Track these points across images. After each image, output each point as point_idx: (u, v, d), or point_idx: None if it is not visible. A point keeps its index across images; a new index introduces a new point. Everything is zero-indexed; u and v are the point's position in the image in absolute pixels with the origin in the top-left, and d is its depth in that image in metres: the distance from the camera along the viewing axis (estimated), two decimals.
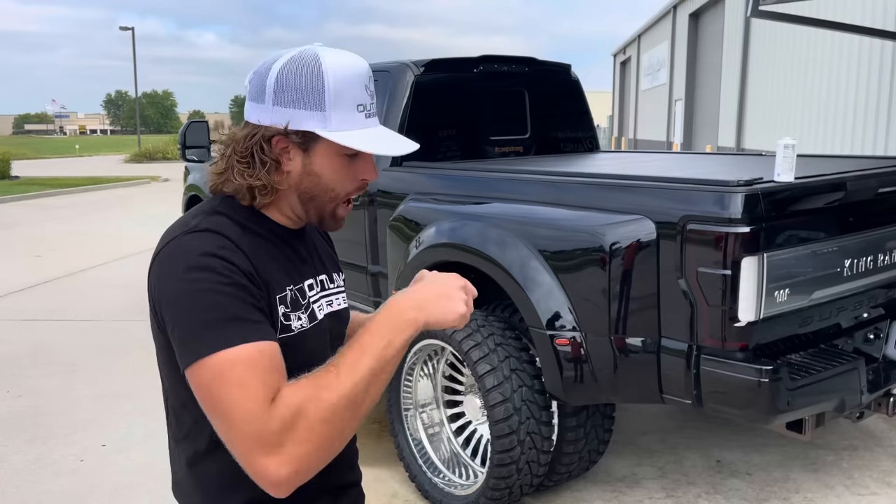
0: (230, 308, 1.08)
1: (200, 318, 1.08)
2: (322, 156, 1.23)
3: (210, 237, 1.14)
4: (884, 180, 2.95)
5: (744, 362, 2.47)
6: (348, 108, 1.20)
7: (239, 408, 1.04)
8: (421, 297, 1.19)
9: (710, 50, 20.24)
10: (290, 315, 1.21)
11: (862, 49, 9.56)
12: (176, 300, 1.10)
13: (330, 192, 1.25)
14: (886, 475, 3.57)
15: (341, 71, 1.20)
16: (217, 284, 1.09)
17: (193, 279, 1.09)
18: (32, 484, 3.62)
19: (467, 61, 4.50)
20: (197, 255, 1.11)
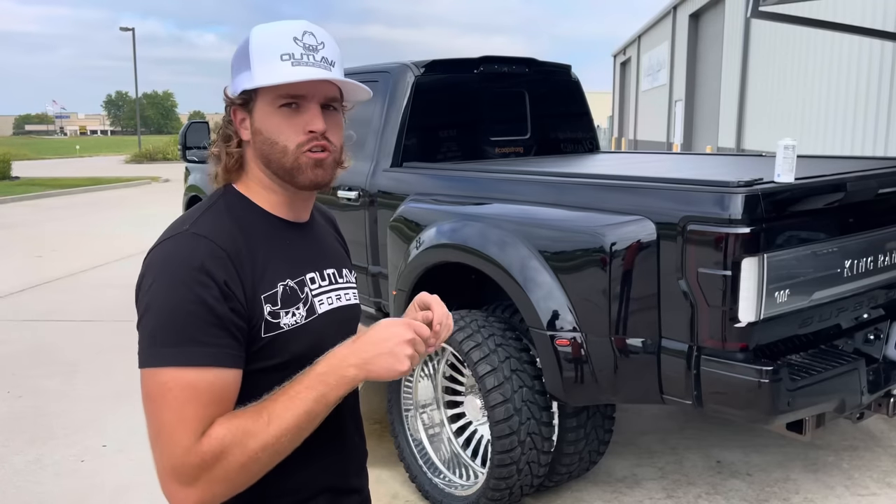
0: (190, 328, 1.10)
1: (160, 327, 1.11)
2: (260, 112, 1.25)
3: (196, 243, 1.16)
4: (884, 181, 2.95)
5: (744, 363, 2.48)
6: (272, 59, 1.22)
7: (168, 431, 1.09)
8: (364, 355, 1.15)
9: (711, 50, 20.25)
10: (279, 312, 1.22)
11: (862, 50, 9.56)
12: (146, 303, 1.13)
13: (276, 146, 1.24)
14: (887, 475, 3.57)
15: (266, 31, 1.25)
16: (184, 301, 1.11)
17: (165, 287, 1.12)
18: (33, 484, 3.62)
19: (467, 62, 4.50)
20: (175, 265, 1.14)
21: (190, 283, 1.12)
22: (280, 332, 1.21)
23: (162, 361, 1.10)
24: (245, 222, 1.25)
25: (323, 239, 1.42)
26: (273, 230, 1.29)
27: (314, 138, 1.25)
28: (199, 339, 1.11)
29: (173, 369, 1.09)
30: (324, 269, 1.35)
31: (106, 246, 10.66)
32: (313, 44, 1.24)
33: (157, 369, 1.10)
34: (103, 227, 12.91)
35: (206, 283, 1.12)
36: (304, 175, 1.26)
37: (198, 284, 1.12)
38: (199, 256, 1.14)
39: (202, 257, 1.14)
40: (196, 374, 1.10)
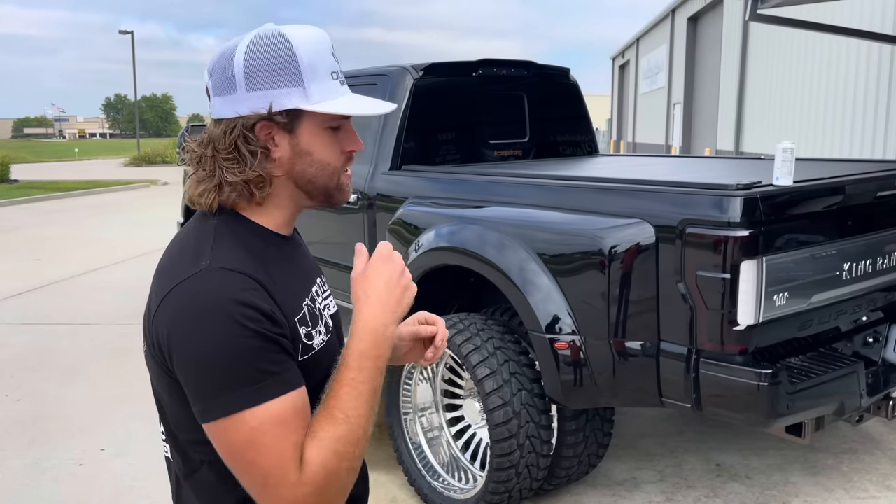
0: (257, 362, 1.04)
1: (225, 373, 1.03)
2: (309, 132, 1.18)
3: (228, 278, 1.08)
4: (882, 184, 2.95)
5: (743, 366, 2.47)
6: (324, 77, 1.17)
7: (276, 475, 1.03)
8: (388, 307, 1.16)
9: (709, 53, 20.28)
10: (312, 333, 1.18)
11: (860, 53, 9.58)
12: (195, 353, 1.04)
13: (327, 168, 1.21)
14: (886, 479, 3.57)
15: (309, 41, 1.16)
16: (241, 338, 1.04)
17: (215, 331, 1.04)
18: (31, 489, 3.61)
19: (466, 65, 4.51)
20: (216, 304, 1.05)
21: (240, 320, 1.04)
22: (314, 353, 1.18)
23: (243, 405, 1.03)
24: (254, 247, 1.17)
25: (304, 247, 1.36)
26: (277, 250, 1.22)
27: (351, 157, 1.25)
28: (271, 371, 1.05)
29: (257, 409, 1.03)
30: (317, 278, 1.32)
31: (105, 249, 10.65)
32: (337, 56, 1.22)
33: (240, 415, 1.03)
34: (102, 231, 12.90)
35: (254, 317, 1.05)
36: (342, 194, 1.25)
37: (248, 319, 1.05)
38: (238, 289, 1.07)
39: (241, 291, 1.07)
40: (280, 406, 1.05)
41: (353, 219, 4.30)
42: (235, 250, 1.14)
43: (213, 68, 1.18)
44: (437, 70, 4.33)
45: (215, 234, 1.16)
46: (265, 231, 1.22)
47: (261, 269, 1.14)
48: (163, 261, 1.19)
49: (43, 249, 10.79)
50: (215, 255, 1.12)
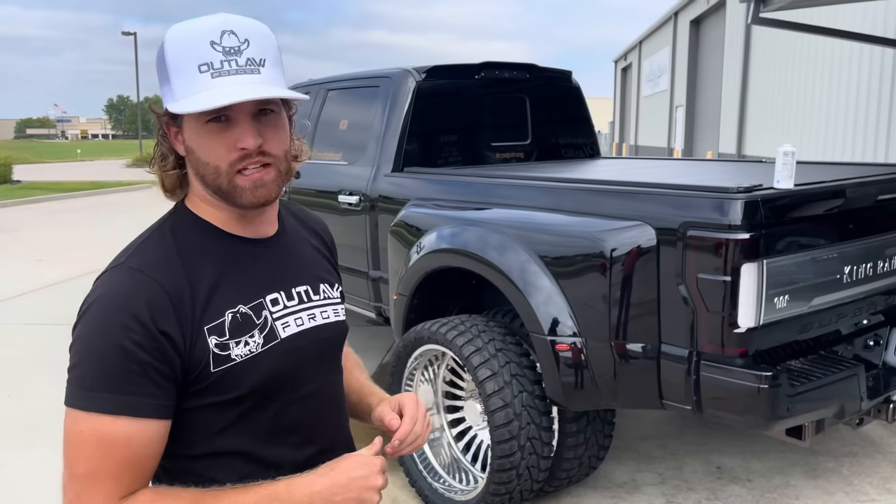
0: (107, 373, 1.05)
1: (81, 366, 1.07)
2: (188, 130, 1.13)
3: (129, 279, 1.09)
4: (883, 187, 2.96)
5: (743, 368, 2.48)
6: (190, 72, 1.08)
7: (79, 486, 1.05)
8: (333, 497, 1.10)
9: (711, 56, 20.28)
10: (228, 344, 1.12)
11: (862, 56, 9.58)
12: (74, 338, 1.10)
13: (208, 167, 1.13)
14: (886, 482, 3.57)
15: (179, 35, 1.10)
16: (106, 345, 1.05)
17: (91, 327, 1.08)
18: (34, 488, 3.62)
19: (468, 68, 4.52)
20: (104, 304, 1.08)
21: (113, 327, 1.05)
22: (232, 365, 1.12)
23: (78, 403, 1.05)
24: (193, 246, 1.15)
25: (295, 252, 1.29)
26: (227, 251, 1.17)
27: (247, 155, 1.12)
28: (118, 388, 1.04)
29: (89, 415, 1.04)
30: (292, 287, 1.24)
31: (107, 250, 10.57)
32: (234, 45, 1.09)
33: (75, 412, 1.06)
34: (105, 231, 12.92)
35: (129, 327, 1.05)
36: (243, 197, 1.14)
37: (121, 328, 1.05)
38: (127, 295, 1.07)
39: (131, 297, 1.07)
40: (112, 425, 1.04)
41: (356, 220, 4.31)
42: (162, 248, 1.15)
43: None
44: (439, 72, 4.34)
45: (154, 229, 1.20)
46: (211, 228, 1.19)
47: (182, 269, 1.12)
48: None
49: (46, 250, 10.81)
50: (137, 252, 1.15)
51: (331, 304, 1.31)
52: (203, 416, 1.13)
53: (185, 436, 1.13)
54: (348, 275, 4.54)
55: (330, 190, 4.43)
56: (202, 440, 1.15)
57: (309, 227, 1.40)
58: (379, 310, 4.37)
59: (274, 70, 1.13)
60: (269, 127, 1.14)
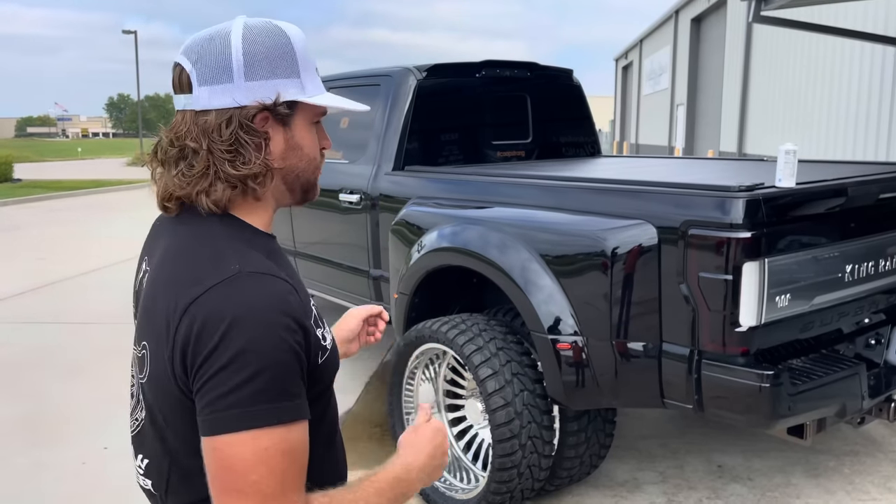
0: (286, 380, 0.98)
1: (263, 379, 0.96)
2: (301, 126, 1.14)
3: (265, 282, 1.01)
4: (885, 186, 2.96)
5: (745, 367, 2.48)
6: (313, 71, 1.15)
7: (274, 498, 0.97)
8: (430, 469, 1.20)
9: (712, 55, 20.27)
10: (324, 334, 1.12)
11: (864, 55, 9.57)
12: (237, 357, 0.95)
13: (312, 163, 1.18)
14: (888, 480, 3.57)
15: (299, 35, 1.14)
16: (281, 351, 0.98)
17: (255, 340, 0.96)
18: (35, 487, 3.63)
19: (469, 66, 4.52)
20: (254, 314, 0.98)
21: (278, 331, 0.98)
22: (329, 353, 1.12)
23: (264, 421, 0.95)
24: (264, 248, 1.12)
25: None
26: (273, 251, 1.16)
27: (324, 154, 1.23)
28: (291, 392, 0.99)
29: (274, 429, 0.96)
30: None
31: (108, 248, 10.67)
32: None
33: (257, 431, 0.95)
34: (106, 230, 12.92)
35: (291, 328, 1.00)
36: (316, 191, 1.23)
37: (286, 331, 0.99)
38: (279, 298, 1.01)
39: (282, 298, 1.01)
40: (294, 433, 0.99)
41: (356, 219, 4.31)
42: (257, 253, 1.07)
43: (201, 55, 1.08)
44: (440, 71, 4.34)
45: (229, 236, 1.09)
46: (256, 231, 1.14)
47: (284, 271, 1.08)
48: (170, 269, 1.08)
49: (46, 248, 10.82)
50: (246, 259, 1.04)
51: None
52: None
53: None
54: (349, 273, 4.53)
55: (331, 188, 4.43)
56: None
57: None
58: None
59: None
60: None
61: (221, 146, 1.07)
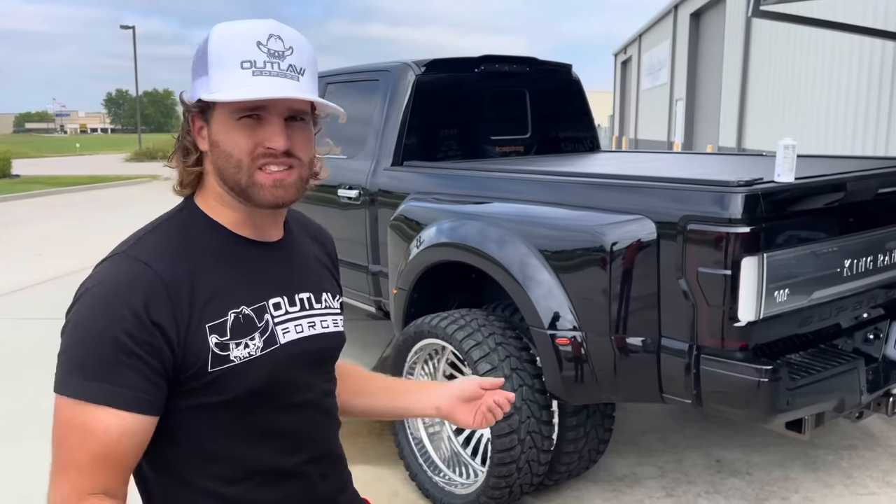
0: (96, 362, 1.04)
1: (70, 354, 1.06)
2: (217, 123, 1.14)
3: (129, 268, 1.09)
4: (884, 181, 2.96)
5: (744, 362, 2.48)
6: (231, 67, 1.10)
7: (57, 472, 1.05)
8: None
9: (711, 50, 20.24)
10: (228, 344, 1.12)
11: (863, 50, 9.56)
12: (66, 323, 1.09)
13: (231, 160, 1.13)
14: (886, 475, 3.58)
15: (226, 33, 1.12)
16: (98, 334, 1.04)
17: (85, 314, 1.07)
18: (34, 483, 3.62)
19: (468, 61, 4.51)
20: (101, 291, 1.07)
21: (106, 315, 1.05)
22: (231, 366, 1.11)
23: (63, 390, 1.05)
24: (199, 242, 1.16)
25: (300, 259, 1.30)
26: (233, 250, 1.18)
27: (271, 154, 1.14)
28: (102, 376, 1.03)
29: (72, 402, 1.03)
30: (295, 293, 1.24)
31: (107, 244, 10.51)
32: (279, 49, 1.12)
33: (60, 398, 1.05)
34: (104, 226, 12.91)
35: (123, 316, 1.04)
36: (261, 195, 1.15)
37: (113, 317, 1.04)
38: (124, 284, 1.07)
39: (129, 286, 1.07)
40: (92, 414, 1.03)
41: (355, 214, 4.31)
42: (167, 240, 1.15)
43: None
44: (438, 66, 4.33)
45: (161, 221, 1.19)
46: (220, 228, 1.19)
47: (185, 264, 1.12)
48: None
49: (45, 244, 10.81)
50: (140, 242, 1.15)
51: (331, 314, 1.30)
52: (191, 416, 1.13)
53: (170, 435, 1.13)
54: (348, 269, 4.53)
55: (329, 184, 4.42)
56: (187, 440, 1.14)
57: (313, 236, 1.41)
58: (379, 304, 4.37)
59: (311, 81, 1.16)
60: (297, 132, 1.17)
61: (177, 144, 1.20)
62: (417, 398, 1.43)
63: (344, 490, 1.34)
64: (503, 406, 1.38)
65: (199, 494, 1.15)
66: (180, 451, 1.14)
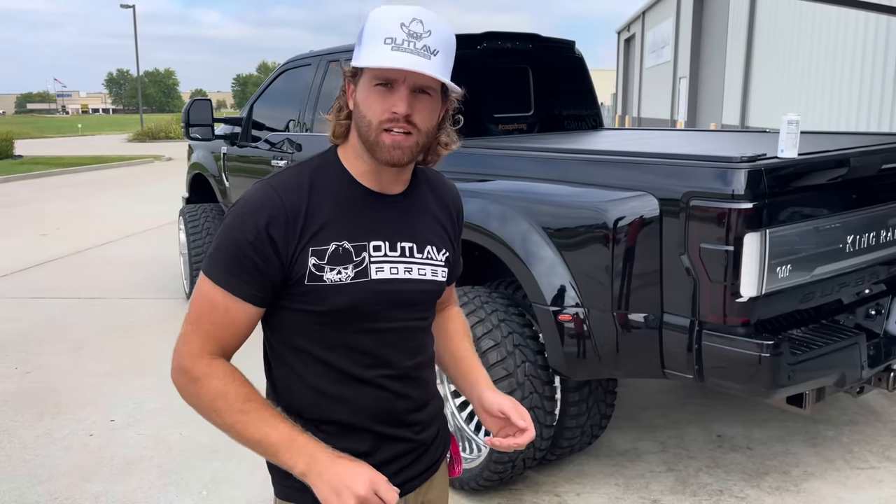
0: (226, 258, 1.33)
1: (214, 248, 1.36)
2: (361, 87, 1.35)
3: (262, 194, 1.34)
4: (887, 157, 2.95)
5: (745, 337, 2.49)
6: (376, 42, 1.29)
7: (188, 327, 1.36)
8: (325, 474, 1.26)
9: (715, 27, 20.08)
10: (323, 267, 1.34)
11: (868, 26, 9.48)
12: (221, 227, 1.38)
13: (364, 121, 1.34)
14: (886, 450, 3.61)
15: (380, 14, 1.32)
16: (230, 238, 1.33)
17: (228, 222, 1.35)
18: (43, 458, 3.67)
19: (471, 38, 4.48)
20: (240, 207, 1.35)
21: (238, 224, 1.33)
22: (322, 285, 1.34)
23: (204, 269, 1.36)
24: (326, 183, 1.38)
25: (416, 214, 1.47)
26: (351, 196, 1.39)
27: (395, 118, 1.32)
28: (230, 270, 1.33)
29: (207, 280, 1.34)
30: (399, 241, 1.42)
31: (110, 224, 10.68)
32: (418, 31, 1.30)
33: (202, 277, 1.35)
34: (107, 206, 12.93)
35: (248, 228, 1.31)
36: (381, 152, 1.34)
37: (242, 229, 1.32)
38: (259, 206, 1.32)
39: (260, 207, 1.32)
40: (219, 294, 1.33)
41: None
42: (300, 176, 1.38)
43: None
44: None
45: (305, 161, 1.43)
46: (348, 176, 1.40)
47: (306, 198, 1.36)
48: None
49: (49, 224, 10.83)
50: (281, 174, 1.40)
51: (432, 264, 1.47)
52: (294, 317, 1.38)
53: (281, 328, 1.40)
54: None
55: None
56: (291, 335, 1.40)
57: (439, 196, 1.56)
58: None
59: (444, 62, 1.33)
60: (421, 103, 1.34)
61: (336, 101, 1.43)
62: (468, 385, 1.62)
63: (418, 410, 1.49)
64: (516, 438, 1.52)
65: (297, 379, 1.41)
66: (285, 342, 1.41)
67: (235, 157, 5.82)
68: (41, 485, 3.42)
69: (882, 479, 3.34)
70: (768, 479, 3.37)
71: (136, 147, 30.34)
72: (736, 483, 3.34)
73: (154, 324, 5.86)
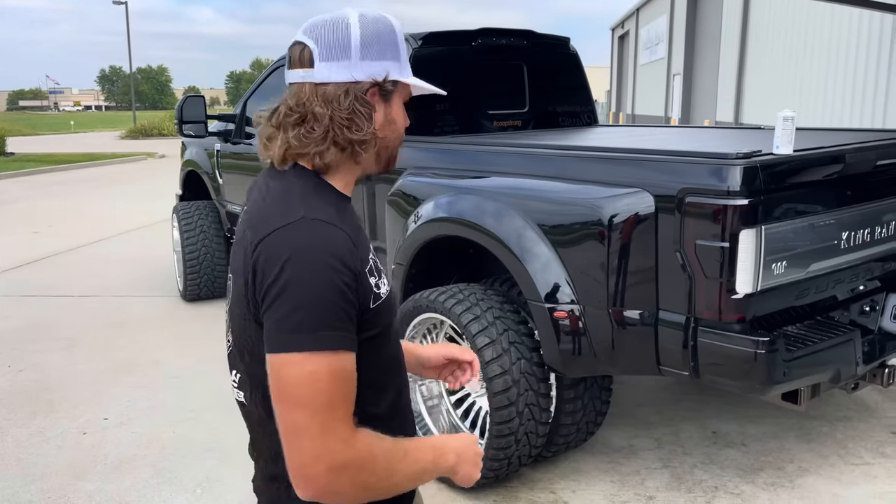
0: (331, 313, 1.13)
1: (305, 312, 1.12)
2: (397, 103, 1.34)
3: (322, 230, 1.18)
4: (882, 153, 2.95)
5: (741, 334, 2.49)
6: (406, 57, 1.34)
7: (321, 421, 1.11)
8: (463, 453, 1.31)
9: (709, 24, 20.10)
10: (379, 283, 1.26)
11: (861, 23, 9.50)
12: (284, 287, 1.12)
13: (400, 136, 1.37)
14: (880, 445, 3.62)
15: (400, 26, 1.34)
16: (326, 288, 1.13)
17: (307, 273, 1.13)
18: (35, 457, 3.65)
19: (465, 34, 4.47)
20: (312, 251, 1.15)
21: (325, 271, 1.14)
22: (381, 301, 1.25)
23: (306, 346, 1.11)
24: (341, 205, 1.30)
25: None
26: (348, 208, 1.33)
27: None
28: (338, 325, 1.14)
29: (317, 355, 1.11)
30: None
31: (103, 222, 10.64)
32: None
33: (301, 355, 1.11)
34: (100, 204, 12.88)
35: (338, 269, 1.15)
36: (396, 161, 1.40)
37: (332, 271, 1.14)
38: (329, 244, 1.16)
39: (332, 244, 1.16)
40: (338, 360, 1.13)
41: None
42: (326, 206, 1.24)
43: (320, 36, 1.26)
44: (435, 39, 4.29)
45: (302, 190, 1.26)
46: (334, 190, 1.31)
47: (346, 223, 1.24)
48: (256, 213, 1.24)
49: (41, 222, 10.78)
50: (313, 209, 1.21)
51: None
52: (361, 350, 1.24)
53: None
54: None
55: None
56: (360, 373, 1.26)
57: None
58: None
59: None
60: None
61: (341, 114, 1.25)
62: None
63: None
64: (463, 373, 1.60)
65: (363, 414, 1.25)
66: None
67: (229, 154, 5.80)
68: (34, 483, 3.40)
69: (876, 475, 3.35)
70: (763, 475, 3.38)
71: (129, 144, 30.24)
72: (731, 479, 3.35)
73: (147, 321, 5.84)
